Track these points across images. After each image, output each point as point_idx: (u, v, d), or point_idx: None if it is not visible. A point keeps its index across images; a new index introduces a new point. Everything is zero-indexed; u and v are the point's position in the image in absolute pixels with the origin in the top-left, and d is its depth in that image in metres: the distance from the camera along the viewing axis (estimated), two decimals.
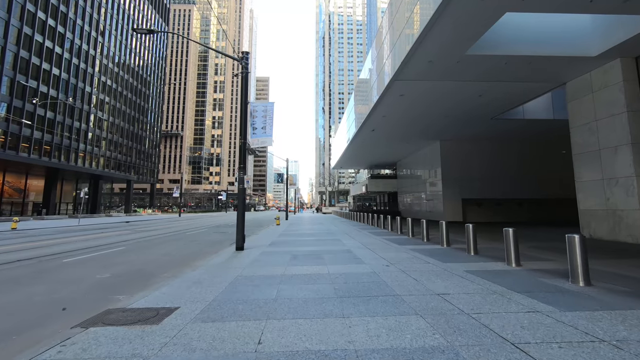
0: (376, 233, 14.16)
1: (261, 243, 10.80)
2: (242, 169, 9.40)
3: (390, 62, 11.80)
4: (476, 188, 22.30)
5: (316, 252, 8.40)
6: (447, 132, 20.24)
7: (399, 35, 10.86)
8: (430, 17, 8.15)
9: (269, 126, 9.49)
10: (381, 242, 10.69)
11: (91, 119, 46.27)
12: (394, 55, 11.26)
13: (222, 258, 7.75)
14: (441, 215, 22.41)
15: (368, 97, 17.08)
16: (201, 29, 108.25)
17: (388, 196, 37.43)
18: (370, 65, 16.65)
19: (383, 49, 13.05)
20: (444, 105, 14.86)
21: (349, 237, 12.61)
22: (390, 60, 11.82)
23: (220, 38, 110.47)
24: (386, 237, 12.43)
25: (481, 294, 4.27)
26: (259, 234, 14.64)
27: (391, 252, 8.24)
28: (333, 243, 10.54)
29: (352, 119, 23.57)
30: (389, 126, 18.84)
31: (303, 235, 13.73)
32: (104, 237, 14.32)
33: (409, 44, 9.49)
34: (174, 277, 5.83)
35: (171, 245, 11.49)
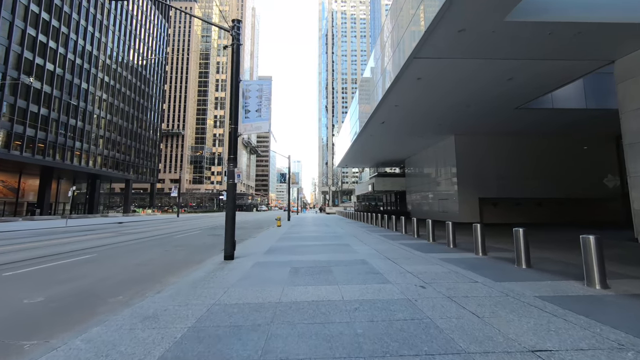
0: (389, 236, 12.43)
1: (257, 249, 9.13)
2: (233, 160, 7.73)
3: (409, 36, 10.07)
4: (494, 186, 20.48)
5: (323, 264, 6.71)
6: (464, 125, 18.45)
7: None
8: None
9: (265, 108, 7.81)
10: (399, 248, 8.96)
11: (88, 116, 44.92)
12: (415, 23, 9.50)
13: (204, 271, 6.07)
14: (456, 215, 20.62)
15: (376, 88, 15.36)
16: (202, 27, 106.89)
17: (395, 195, 35.64)
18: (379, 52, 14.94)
19: (401, 19, 11.24)
20: (466, 91, 13.08)
21: (359, 241, 10.90)
22: (408, 34, 10.09)
23: (222, 36, 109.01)
24: (402, 241, 10.70)
25: (608, 353, 2.55)
26: (256, 237, 12.99)
27: (419, 265, 6.51)
28: (342, 249, 8.83)
29: (359, 112, 21.84)
30: (401, 118, 17.09)
31: (306, 239, 12.04)
32: (81, 241, 12.73)
33: (436, 7, 7.75)
34: (125, 304, 4.17)
35: (152, 251, 9.85)
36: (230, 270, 6.13)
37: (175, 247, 10.88)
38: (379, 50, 15.10)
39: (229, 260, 7.35)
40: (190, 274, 5.86)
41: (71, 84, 41.61)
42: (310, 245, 10.04)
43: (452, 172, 21.04)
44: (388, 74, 12.75)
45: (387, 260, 7.06)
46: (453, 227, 9.38)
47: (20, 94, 34.43)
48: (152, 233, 16.59)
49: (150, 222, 29.20)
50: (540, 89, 13.21)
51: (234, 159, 7.75)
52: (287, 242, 11.03)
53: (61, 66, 40.04)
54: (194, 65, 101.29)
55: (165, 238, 13.93)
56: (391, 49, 12.17)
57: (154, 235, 15.11)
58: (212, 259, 7.67)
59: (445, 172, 22.16)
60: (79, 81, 43.04)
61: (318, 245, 10.02)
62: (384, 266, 6.32)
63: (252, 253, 8.43)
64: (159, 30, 67.06)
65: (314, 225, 21.23)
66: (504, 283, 4.86)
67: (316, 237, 12.44)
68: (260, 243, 10.84)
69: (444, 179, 22.43)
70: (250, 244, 10.51)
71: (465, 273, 5.62)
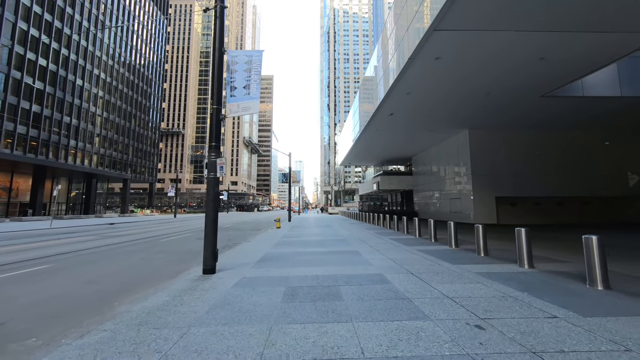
0: (402, 241, 10.84)
1: (247, 258, 7.58)
2: (215, 149, 6.19)
3: (429, 3, 8.48)
4: (511, 185, 18.84)
5: (328, 281, 5.14)
6: (479, 118, 16.82)
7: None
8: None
9: (255, 84, 6.26)
10: (420, 257, 7.38)
11: (83, 114, 43.61)
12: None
13: (169, 294, 4.53)
14: (470, 216, 19.00)
15: (385, 76, 13.78)
16: (202, 25, 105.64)
17: (401, 195, 33.99)
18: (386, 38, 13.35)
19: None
20: (488, 74, 11.46)
21: (368, 247, 9.32)
22: (430, 1, 8.50)
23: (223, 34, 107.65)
24: (419, 247, 9.11)
25: None
26: (251, 241, 11.45)
27: (455, 283, 4.93)
28: (351, 259, 7.27)
29: (368, 97, 20.26)
30: (412, 109, 15.49)
31: (307, 244, 10.48)
32: (50, 246, 11.24)
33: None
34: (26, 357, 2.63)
35: (126, 259, 8.33)
36: (203, 292, 4.58)
37: (155, 253, 9.35)
38: (388, 28, 13.49)
39: (209, 275, 5.80)
40: (150, 298, 4.32)
41: (65, 80, 40.30)
42: (312, 252, 8.47)
43: (466, 170, 19.41)
44: (401, 55, 11.16)
45: (410, 275, 5.48)
46: (484, 232, 7.77)
47: (12, 90, 33.14)
48: (139, 236, 15.09)
49: (144, 223, 27.77)
50: (574, 73, 11.56)
51: (216, 148, 6.20)
52: (285, 247, 9.48)
53: (54, 62, 38.74)
54: (194, 64, 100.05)
55: (151, 241, 12.42)
56: (406, 21, 10.53)
57: (139, 239, 13.61)
58: (189, 273, 6.13)
59: (458, 169, 20.52)
60: (74, 77, 41.74)
61: (321, 252, 8.45)
62: (410, 287, 4.74)
63: (241, 264, 6.89)
64: (157, 27, 65.75)
65: (316, 226, 19.67)
66: (602, 321, 3.27)
67: (319, 242, 10.88)
68: (253, 249, 9.30)
69: (456, 177, 20.80)
70: (241, 250, 8.96)
71: (527, 299, 4.03)
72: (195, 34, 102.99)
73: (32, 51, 35.75)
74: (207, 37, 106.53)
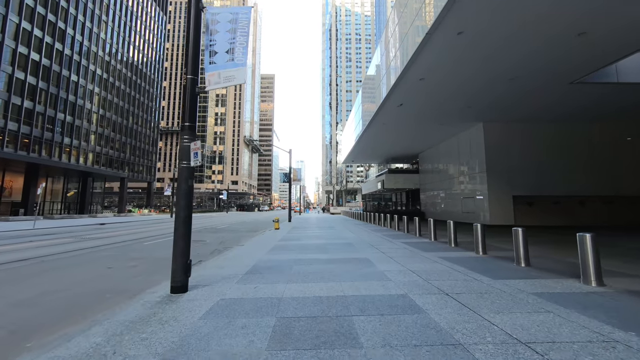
0: (416, 245, 9.41)
1: (233, 269, 6.18)
2: (189, 130, 4.80)
3: None
4: (528, 183, 17.39)
5: (336, 308, 3.73)
6: (497, 110, 15.36)
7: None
8: None
9: (241, 48, 4.87)
10: (447, 268, 5.95)
11: (78, 110, 42.38)
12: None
13: (110, 328, 3.14)
14: (484, 216, 17.55)
15: (395, 62, 12.36)
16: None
17: (407, 194, 32.53)
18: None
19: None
20: (517, 53, 10.00)
21: (380, 253, 7.90)
22: None
23: None
24: (440, 254, 7.69)
25: None
26: (244, 245, 10.06)
27: (516, 312, 3.50)
28: (362, 270, 5.85)
29: (370, 96, 18.85)
30: (423, 98, 14.04)
31: (308, 248, 9.08)
32: (12, 251, 9.89)
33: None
34: None
35: (92, 268, 6.97)
36: (158, 329, 3.18)
37: (130, 260, 7.98)
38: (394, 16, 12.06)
39: (177, 295, 4.40)
40: (73, 340, 2.92)
41: (59, 75, 39.07)
42: (314, 260, 7.06)
43: (480, 167, 17.95)
44: (417, 31, 9.73)
45: (447, 298, 4.06)
46: (524, 236, 6.34)
47: (3, 85, 31.92)
48: (124, 237, 13.74)
49: (137, 223, 26.45)
50: (611, 54, 10.09)
51: (191, 129, 4.81)
52: (282, 253, 8.07)
53: (48, 57, 37.51)
54: None
55: (131, 245, 11.06)
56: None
57: (120, 241, 12.25)
58: (155, 291, 4.74)
59: (471, 166, 19.06)
60: (68, 73, 40.51)
61: (324, 260, 7.04)
62: (454, 319, 3.32)
63: (225, 276, 5.49)
64: (156, 23, 64.52)
65: (318, 227, 18.26)
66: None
67: (321, 246, 9.46)
68: (245, 255, 7.90)
69: (469, 174, 19.34)
70: (230, 257, 7.57)
71: (626, 339, 2.60)
72: None
73: (24, 45, 34.52)
74: None
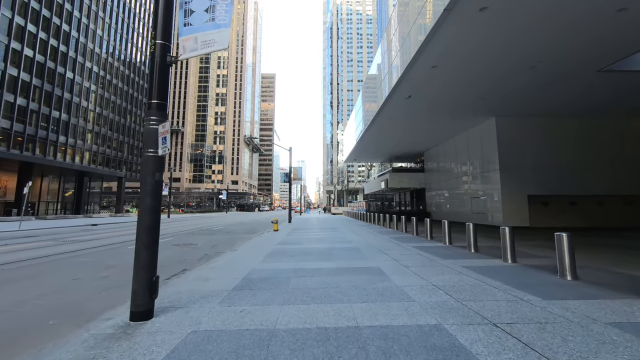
0: (431, 250, 8.32)
1: (218, 283, 5.11)
2: (158, 110, 3.73)
3: None
4: (545, 182, 16.29)
5: (349, 348, 2.66)
6: (513, 103, 14.27)
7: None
8: None
9: (223, 5, 3.83)
10: (482, 283, 4.87)
11: (74, 108, 41.42)
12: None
13: None
14: (497, 217, 16.45)
15: (405, 44, 11.28)
16: None
17: (411, 194, 31.44)
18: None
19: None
20: (545, 34, 8.91)
21: (392, 261, 6.82)
22: None
23: None
24: (464, 262, 6.62)
25: None
26: (238, 250, 9.00)
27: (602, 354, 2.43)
28: (376, 286, 4.77)
29: (375, 89, 17.77)
30: (435, 90, 12.96)
31: (309, 254, 8.01)
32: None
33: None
34: None
35: (55, 279, 5.92)
36: None
37: (103, 269, 6.93)
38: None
39: (137, 324, 3.34)
40: None
41: (54, 72, 38.10)
42: (316, 270, 5.99)
43: (493, 164, 16.85)
44: (431, 8, 8.65)
45: (497, 331, 2.98)
46: (570, 243, 5.26)
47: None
48: (109, 240, 12.70)
49: (131, 224, 25.44)
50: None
51: (160, 108, 3.74)
52: (280, 260, 7.01)
53: (42, 53, 36.54)
54: (194, 60, 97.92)
55: (113, 249, 10.01)
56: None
57: (104, 245, 11.20)
58: (112, 315, 3.67)
59: (482, 164, 17.96)
60: (64, 70, 39.53)
61: (329, 270, 5.97)
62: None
63: (206, 293, 4.42)
64: None
65: (320, 229, 17.19)
66: None
67: (325, 252, 8.39)
68: (236, 262, 6.84)
69: (480, 173, 18.24)
70: (219, 266, 6.50)
71: None
72: None
73: (18, 41, 33.55)
74: None
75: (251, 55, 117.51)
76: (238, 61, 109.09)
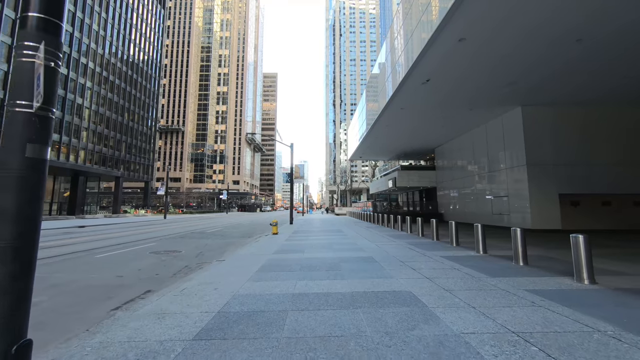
0: (468, 263, 6.55)
1: (175, 328, 3.38)
2: (39, 29, 1.99)
3: None
4: (577, 179, 14.45)
5: None
6: (545, 88, 12.46)
7: None
8: None
9: None
10: (591, 331, 3.11)
11: (68, 105, 40.02)
12: None
13: None
14: (522, 219, 14.62)
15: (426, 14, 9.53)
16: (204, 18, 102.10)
17: (420, 194, 29.62)
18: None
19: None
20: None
21: (426, 280, 5.06)
22: None
23: (224, 28, 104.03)
24: (526, 283, 4.85)
25: None
26: (226, 260, 7.29)
27: None
28: (419, 333, 3.02)
29: (385, 79, 16.02)
30: (458, 69, 11.18)
31: (313, 269, 6.27)
32: None
33: None
34: None
35: None
36: None
37: (44, 289, 5.24)
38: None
39: None
40: None
41: None
42: (323, 300, 4.23)
43: (518, 159, 15.03)
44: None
45: None
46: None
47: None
48: (81, 247, 11.04)
49: (123, 225, 23.84)
50: None
51: (47, 26, 2.01)
52: (274, 280, 5.26)
53: None
54: (194, 59, 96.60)
55: (76, 259, 8.34)
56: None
57: (71, 252, 9.53)
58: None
59: (505, 160, 16.14)
60: None
61: (341, 299, 4.21)
62: None
63: (150, 349, 2.69)
64: (154, 17, 62.19)
65: (324, 231, 15.45)
66: None
67: (333, 265, 6.64)
68: (218, 281, 5.11)
69: (501, 169, 16.42)
70: (190, 290, 4.77)
71: None
72: (196, 28, 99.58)
73: (7, 34, 32.14)
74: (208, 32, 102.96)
75: (253, 54, 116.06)
76: (239, 59, 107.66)
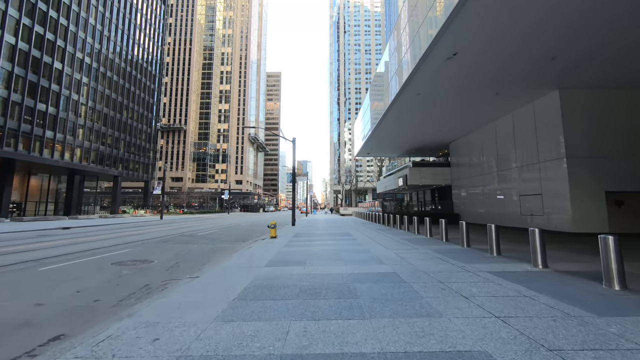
0: (531, 284, 4.57)
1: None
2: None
3: None
4: (624, 175, 12.34)
5: None
6: (594, 63, 10.41)
7: None
8: None
9: None
10: None
11: (63, 102, 38.62)
12: None
13: None
14: (561, 220, 12.55)
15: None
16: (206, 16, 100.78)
17: (432, 192, 27.54)
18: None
19: None
20: None
21: (496, 321, 3.11)
22: None
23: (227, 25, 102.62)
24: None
25: None
26: (198, 279, 5.43)
27: None
28: None
29: (409, 47, 14.05)
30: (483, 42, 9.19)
31: (316, 294, 4.36)
32: None
33: None
34: None
35: None
36: None
37: None
38: None
39: None
40: None
41: (39, 62, 35.27)
42: (342, 357, 2.32)
43: (554, 152, 12.96)
44: None
45: None
46: None
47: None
48: (45, 252, 9.26)
49: (111, 227, 22.15)
50: None
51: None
52: (257, 320, 3.34)
53: (26, 41, 33.73)
54: (197, 57, 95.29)
55: (8, 274, 6.54)
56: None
57: (13, 262, 7.75)
58: None
59: (538, 153, 14.05)
60: (51, 60, 36.70)
61: (367, 358, 2.30)
62: None
63: None
64: (154, 13, 60.78)
65: (330, 235, 13.52)
66: None
67: (346, 289, 4.71)
68: (171, 322, 3.22)
69: (533, 164, 14.34)
70: (125, 335, 2.89)
71: None
72: (199, 26, 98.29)
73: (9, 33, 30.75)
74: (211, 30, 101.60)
75: (256, 52, 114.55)
76: (242, 58, 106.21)
